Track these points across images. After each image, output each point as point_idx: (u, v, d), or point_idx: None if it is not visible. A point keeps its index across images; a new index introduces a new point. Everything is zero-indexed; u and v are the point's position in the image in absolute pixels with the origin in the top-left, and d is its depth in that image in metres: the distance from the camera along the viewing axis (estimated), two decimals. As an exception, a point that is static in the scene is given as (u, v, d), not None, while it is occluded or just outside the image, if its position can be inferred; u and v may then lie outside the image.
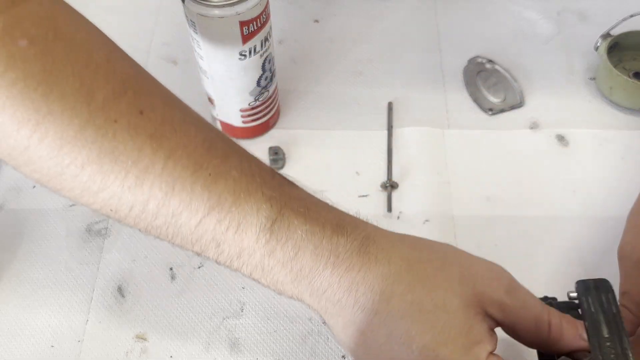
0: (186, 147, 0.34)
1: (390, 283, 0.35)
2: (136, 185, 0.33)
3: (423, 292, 0.35)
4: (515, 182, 0.62)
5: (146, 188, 0.33)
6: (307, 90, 0.69)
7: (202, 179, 0.34)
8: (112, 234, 0.58)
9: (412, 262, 0.37)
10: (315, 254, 0.35)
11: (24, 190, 0.61)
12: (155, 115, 0.34)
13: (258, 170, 0.37)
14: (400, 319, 0.35)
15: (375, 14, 0.77)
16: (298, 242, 0.35)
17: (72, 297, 0.55)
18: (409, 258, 0.37)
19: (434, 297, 0.35)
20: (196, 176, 0.34)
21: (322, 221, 0.36)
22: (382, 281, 0.35)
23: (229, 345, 0.52)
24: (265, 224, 0.35)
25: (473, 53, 0.72)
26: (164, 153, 0.33)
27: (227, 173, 0.35)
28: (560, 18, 0.76)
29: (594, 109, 0.68)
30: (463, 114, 0.67)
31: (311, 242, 0.35)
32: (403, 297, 0.35)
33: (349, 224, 0.38)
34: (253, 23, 0.51)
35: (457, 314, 0.35)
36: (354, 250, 0.36)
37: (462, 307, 0.35)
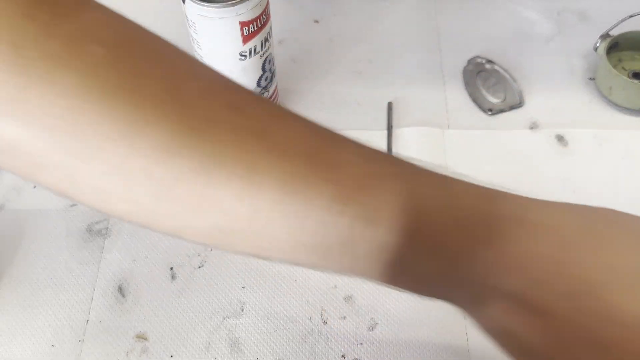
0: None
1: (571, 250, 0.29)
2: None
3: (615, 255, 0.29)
4: (515, 182, 0.61)
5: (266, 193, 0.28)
6: (307, 90, 0.69)
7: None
8: (113, 234, 0.58)
9: (587, 225, 0.31)
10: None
11: (24, 190, 0.61)
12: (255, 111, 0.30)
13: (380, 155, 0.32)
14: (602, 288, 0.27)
15: (375, 14, 0.77)
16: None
17: (72, 296, 0.55)
18: (580, 222, 0.31)
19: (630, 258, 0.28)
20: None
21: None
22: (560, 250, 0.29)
23: (229, 344, 0.52)
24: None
25: (473, 53, 0.72)
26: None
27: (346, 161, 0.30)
28: (560, 18, 0.76)
29: (593, 109, 0.68)
30: (463, 114, 0.67)
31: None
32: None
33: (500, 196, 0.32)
34: (253, 23, 0.51)
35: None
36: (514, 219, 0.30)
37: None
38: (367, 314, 0.54)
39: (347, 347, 0.52)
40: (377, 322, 0.53)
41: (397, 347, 0.52)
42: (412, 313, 0.54)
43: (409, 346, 0.52)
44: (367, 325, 0.53)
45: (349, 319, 0.54)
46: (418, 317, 0.54)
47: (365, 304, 0.54)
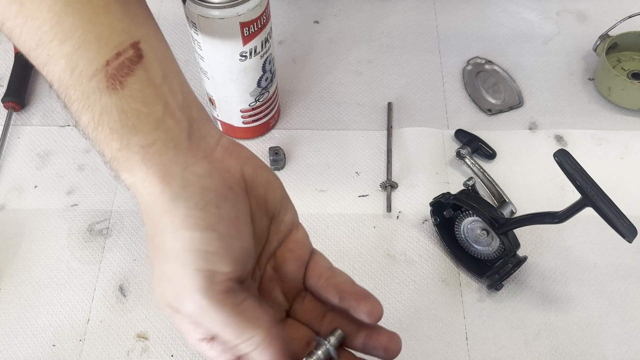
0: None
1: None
2: None
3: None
4: (514, 182, 0.62)
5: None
6: (307, 90, 0.70)
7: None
8: (114, 234, 0.58)
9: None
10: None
11: (25, 191, 0.61)
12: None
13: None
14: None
15: (375, 15, 0.77)
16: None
17: (73, 296, 0.55)
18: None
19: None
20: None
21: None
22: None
23: (229, 344, 0.52)
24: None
25: (472, 54, 0.73)
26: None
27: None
28: (559, 19, 0.76)
29: (592, 109, 0.68)
30: (462, 115, 0.67)
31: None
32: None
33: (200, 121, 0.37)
34: (253, 24, 0.51)
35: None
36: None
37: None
38: (367, 314, 0.54)
39: (347, 347, 0.52)
40: (377, 322, 0.54)
41: (397, 347, 0.52)
42: (412, 313, 0.54)
43: (409, 346, 0.52)
44: (367, 325, 0.53)
45: (349, 319, 0.54)
46: (418, 316, 0.54)
47: (365, 303, 0.55)
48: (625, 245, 0.57)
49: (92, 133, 0.35)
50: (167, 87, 0.36)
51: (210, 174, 0.36)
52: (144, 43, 0.36)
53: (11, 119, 0.66)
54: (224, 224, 0.35)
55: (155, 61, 0.36)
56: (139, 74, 0.35)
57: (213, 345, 0.36)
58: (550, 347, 0.52)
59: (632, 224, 0.44)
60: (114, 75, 0.34)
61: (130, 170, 0.35)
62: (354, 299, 0.38)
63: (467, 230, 0.56)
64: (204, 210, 0.35)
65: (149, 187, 0.35)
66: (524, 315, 0.54)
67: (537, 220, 0.49)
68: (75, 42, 0.33)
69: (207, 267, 0.34)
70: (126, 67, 0.35)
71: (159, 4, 0.77)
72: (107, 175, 0.62)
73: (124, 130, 0.34)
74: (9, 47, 0.72)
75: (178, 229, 0.34)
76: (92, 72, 0.34)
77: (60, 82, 0.34)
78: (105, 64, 0.34)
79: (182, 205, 0.34)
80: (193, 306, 0.34)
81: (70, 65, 0.34)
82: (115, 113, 0.34)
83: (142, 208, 0.35)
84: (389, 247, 0.58)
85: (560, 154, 0.45)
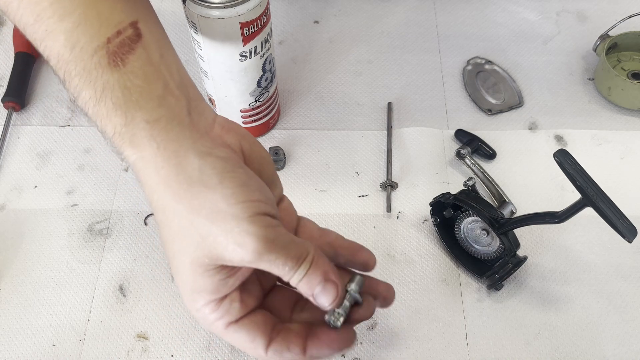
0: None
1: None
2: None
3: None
4: (514, 182, 0.62)
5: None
6: (307, 90, 0.70)
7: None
8: (114, 234, 0.58)
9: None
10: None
11: (25, 191, 0.61)
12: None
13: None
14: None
15: (375, 15, 0.77)
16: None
17: (73, 296, 0.55)
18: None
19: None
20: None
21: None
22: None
23: (229, 344, 0.52)
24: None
25: (472, 53, 0.73)
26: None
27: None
28: (559, 19, 0.76)
29: (592, 109, 0.68)
30: (462, 115, 0.67)
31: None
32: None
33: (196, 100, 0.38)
34: (253, 24, 0.51)
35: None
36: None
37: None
38: (367, 314, 0.54)
39: (347, 347, 0.52)
40: (377, 322, 0.54)
41: (397, 347, 0.52)
42: (412, 313, 0.54)
43: (409, 346, 0.52)
44: (367, 325, 0.53)
45: (349, 319, 0.54)
46: (418, 316, 0.54)
47: (365, 303, 0.55)
48: (625, 245, 0.57)
49: (93, 109, 0.35)
50: (164, 67, 0.37)
51: (217, 147, 0.37)
52: (142, 23, 0.36)
53: (11, 118, 0.66)
54: (253, 180, 0.37)
55: (153, 41, 0.37)
56: (139, 53, 0.36)
57: (221, 306, 0.38)
58: (550, 347, 0.52)
59: (632, 224, 0.44)
60: (116, 52, 0.35)
61: (137, 147, 0.35)
62: (348, 252, 0.41)
63: (467, 230, 0.56)
64: (234, 172, 0.36)
65: (161, 162, 0.35)
66: (524, 315, 0.54)
67: (537, 220, 0.49)
68: (76, 19, 0.34)
69: (260, 211, 0.35)
70: (127, 45, 0.35)
71: (159, 4, 0.77)
72: (107, 175, 0.63)
73: (128, 105, 0.35)
74: (9, 47, 0.72)
75: (215, 189, 0.35)
76: (93, 49, 0.34)
77: (60, 58, 0.35)
78: (107, 41, 0.35)
79: (211, 173, 0.35)
80: (256, 247, 0.35)
81: (70, 42, 0.34)
82: (118, 89, 0.35)
83: (151, 183, 0.36)
84: (389, 247, 0.58)
85: (560, 154, 0.45)
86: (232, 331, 0.39)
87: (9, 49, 0.72)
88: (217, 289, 0.37)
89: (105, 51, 0.35)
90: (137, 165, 0.36)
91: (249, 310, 0.39)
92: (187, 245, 0.36)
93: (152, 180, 0.36)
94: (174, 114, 0.36)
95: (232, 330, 0.39)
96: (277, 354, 0.39)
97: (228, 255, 0.35)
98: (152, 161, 0.35)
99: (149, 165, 0.36)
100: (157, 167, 0.35)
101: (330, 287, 0.37)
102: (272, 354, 0.39)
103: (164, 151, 0.35)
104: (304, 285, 0.37)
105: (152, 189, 0.36)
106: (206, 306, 0.38)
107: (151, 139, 0.35)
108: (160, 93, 0.36)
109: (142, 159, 0.36)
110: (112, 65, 0.35)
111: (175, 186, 0.35)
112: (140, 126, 0.35)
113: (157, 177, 0.35)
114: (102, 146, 0.65)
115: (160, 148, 0.35)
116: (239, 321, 0.39)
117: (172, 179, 0.35)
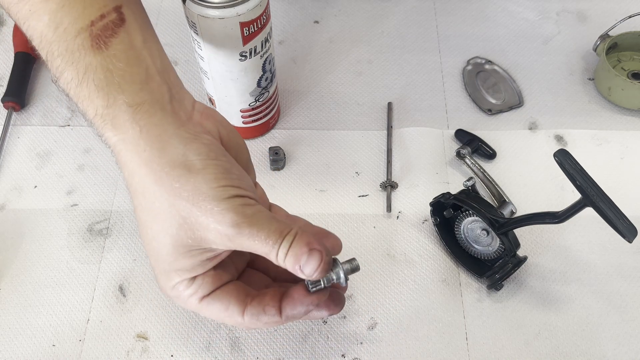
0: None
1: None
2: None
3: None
4: (515, 182, 0.62)
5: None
6: (307, 90, 0.70)
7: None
8: (113, 234, 0.58)
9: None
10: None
11: (25, 191, 0.61)
12: None
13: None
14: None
15: (375, 15, 0.77)
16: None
17: (73, 296, 0.55)
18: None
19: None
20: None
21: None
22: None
23: (229, 344, 0.52)
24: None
25: (472, 53, 0.73)
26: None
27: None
28: (559, 19, 0.76)
29: (592, 109, 0.68)
30: (462, 114, 0.67)
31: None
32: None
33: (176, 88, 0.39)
34: (253, 24, 0.51)
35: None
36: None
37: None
38: (367, 314, 0.54)
39: (347, 347, 0.52)
40: (377, 322, 0.54)
41: (397, 347, 0.52)
42: (412, 313, 0.54)
43: (409, 346, 0.52)
44: (367, 325, 0.53)
45: (349, 319, 0.54)
46: (418, 317, 0.54)
47: (365, 303, 0.55)
48: (625, 246, 0.57)
49: (74, 89, 0.36)
50: (147, 52, 0.38)
51: (199, 135, 0.38)
52: (125, 8, 0.37)
53: (11, 118, 0.66)
54: (234, 168, 0.38)
55: (136, 26, 0.37)
56: (122, 37, 0.36)
57: (194, 282, 0.39)
58: (551, 347, 0.52)
59: (632, 224, 0.44)
60: (99, 35, 0.35)
61: (117, 129, 0.36)
62: (317, 238, 0.42)
63: (467, 230, 0.56)
64: (217, 159, 0.37)
65: (143, 145, 0.36)
66: (524, 315, 0.54)
67: (537, 220, 0.49)
68: (60, 1, 0.35)
69: (241, 194, 0.37)
70: (110, 29, 0.36)
71: (159, 4, 0.77)
72: (107, 175, 0.62)
73: (110, 88, 0.35)
74: (9, 46, 0.72)
75: (198, 173, 0.36)
76: (76, 30, 0.35)
77: (42, 37, 0.35)
78: (90, 24, 0.35)
79: (194, 158, 0.36)
80: (236, 220, 0.36)
81: (54, 22, 0.35)
82: (100, 71, 0.35)
83: (132, 166, 0.37)
84: (389, 247, 0.58)
85: (560, 153, 0.45)
86: (205, 304, 0.40)
87: (8, 48, 0.72)
88: (194, 269, 0.38)
89: (89, 34, 0.35)
90: (118, 147, 0.37)
91: (222, 284, 0.40)
92: (169, 227, 0.36)
93: (133, 162, 0.36)
94: (156, 99, 0.37)
95: (206, 303, 0.40)
96: (254, 317, 0.40)
97: (210, 235, 0.36)
98: (134, 144, 0.36)
99: (130, 147, 0.36)
100: (138, 150, 0.36)
101: (315, 254, 0.38)
102: (249, 319, 0.40)
103: (146, 135, 0.36)
104: (290, 259, 0.38)
105: (133, 171, 0.37)
106: (180, 284, 0.39)
107: (134, 122, 0.36)
108: (143, 78, 0.37)
109: (123, 142, 0.36)
110: (95, 48, 0.35)
111: (157, 169, 0.36)
112: (122, 109, 0.36)
113: (139, 159, 0.36)
114: (102, 146, 0.64)
115: (142, 132, 0.36)
116: (212, 294, 0.40)
117: (154, 161, 0.36)
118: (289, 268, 0.38)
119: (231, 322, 0.41)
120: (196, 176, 0.36)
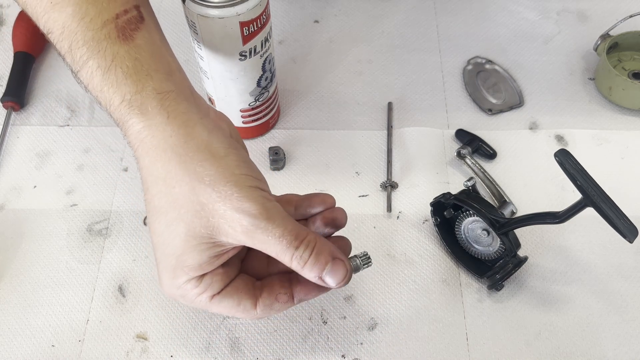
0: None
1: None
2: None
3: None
4: (515, 182, 0.62)
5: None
6: (307, 90, 0.69)
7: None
8: (113, 234, 0.58)
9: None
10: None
11: (25, 190, 0.61)
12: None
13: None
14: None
15: (375, 14, 0.77)
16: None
17: (72, 296, 0.55)
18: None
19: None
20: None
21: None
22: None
23: (229, 344, 0.52)
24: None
25: (472, 53, 0.72)
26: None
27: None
28: (559, 18, 0.76)
29: (593, 109, 0.68)
30: (462, 114, 0.67)
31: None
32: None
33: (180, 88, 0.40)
34: (253, 24, 0.51)
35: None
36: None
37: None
38: (367, 314, 0.54)
39: (347, 347, 0.52)
40: (377, 322, 0.54)
41: (397, 347, 0.52)
42: (412, 313, 0.54)
43: (409, 346, 0.52)
44: (367, 325, 0.53)
45: (349, 319, 0.54)
46: (418, 317, 0.54)
47: (365, 304, 0.55)
48: (626, 246, 0.57)
49: (99, 77, 0.37)
50: (165, 49, 0.40)
51: (219, 127, 0.39)
52: (143, 8, 0.39)
53: (10, 118, 0.66)
54: (252, 162, 0.40)
55: (153, 25, 0.39)
56: (144, 32, 0.38)
57: (203, 281, 0.39)
58: (551, 348, 0.52)
59: (633, 224, 0.44)
60: (124, 27, 0.37)
61: (145, 114, 0.37)
62: (306, 202, 0.44)
63: (467, 230, 0.56)
64: (237, 150, 0.39)
65: (170, 131, 0.37)
66: (524, 315, 0.54)
67: (538, 221, 0.49)
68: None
69: (260, 186, 0.38)
70: (133, 24, 0.38)
71: (159, 4, 0.77)
72: (107, 175, 0.62)
73: (139, 75, 0.37)
74: (9, 46, 0.72)
75: (222, 159, 0.37)
76: (102, 22, 0.37)
77: (65, 28, 0.37)
78: (115, 17, 0.37)
79: (218, 145, 0.37)
80: (254, 211, 0.36)
81: (79, 13, 0.36)
82: (129, 59, 0.37)
83: (157, 151, 0.37)
84: (389, 247, 0.58)
85: (561, 153, 0.45)
86: (216, 302, 0.40)
87: (8, 48, 0.72)
88: (202, 267, 0.39)
89: (114, 25, 0.37)
90: (142, 134, 0.37)
91: (230, 280, 0.41)
92: (185, 213, 0.37)
93: (158, 148, 0.37)
94: (181, 90, 0.38)
95: (217, 301, 0.40)
96: (267, 308, 0.41)
97: (225, 224, 0.36)
98: (160, 129, 0.37)
99: (156, 133, 0.37)
100: (165, 135, 0.37)
101: (339, 265, 0.39)
102: (261, 310, 0.41)
103: (173, 120, 0.37)
104: (314, 268, 0.38)
105: (156, 157, 0.37)
106: (188, 283, 0.39)
107: (162, 108, 0.37)
108: (167, 70, 0.38)
109: (149, 127, 0.37)
110: (121, 39, 0.37)
111: (182, 152, 0.37)
112: (151, 95, 0.37)
113: (165, 144, 0.37)
114: (102, 146, 0.64)
115: (170, 118, 0.37)
116: (222, 291, 0.40)
117: (180, 146, 0.37)
118: (306, 275, 0.39)
119: (244, 315, 0.41)
120: (220, 161, 0.37)
